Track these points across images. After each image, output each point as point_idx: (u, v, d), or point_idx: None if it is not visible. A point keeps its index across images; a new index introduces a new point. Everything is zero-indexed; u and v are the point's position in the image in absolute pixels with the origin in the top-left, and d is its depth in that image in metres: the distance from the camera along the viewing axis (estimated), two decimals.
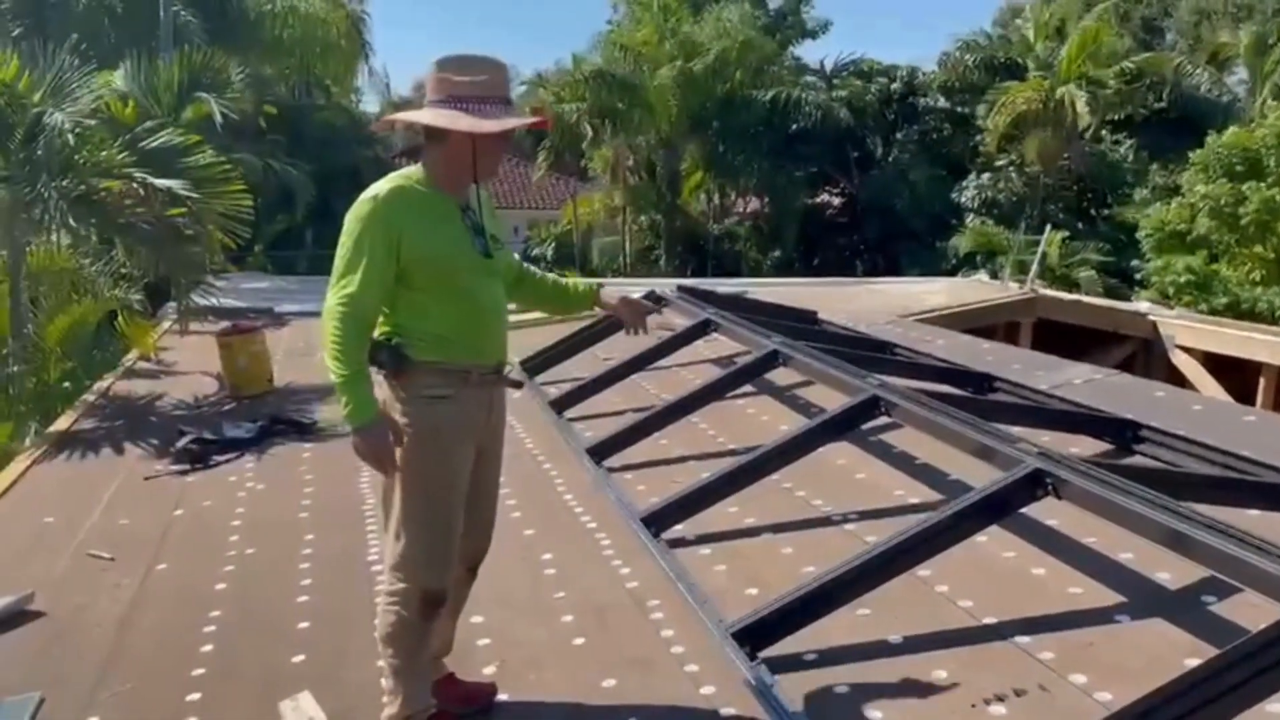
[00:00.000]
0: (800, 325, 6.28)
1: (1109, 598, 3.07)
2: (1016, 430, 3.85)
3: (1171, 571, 3.13)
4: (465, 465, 2.63)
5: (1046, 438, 4.07)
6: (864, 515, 3.95)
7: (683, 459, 4.89)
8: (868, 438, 4.60)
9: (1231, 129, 17.00)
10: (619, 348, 6.71)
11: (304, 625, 3.60)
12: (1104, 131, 23.89)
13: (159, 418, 7.07)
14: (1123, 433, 4.25)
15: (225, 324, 8.18)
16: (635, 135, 24.71)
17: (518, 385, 2.95)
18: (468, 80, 2.55)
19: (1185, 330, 7.48)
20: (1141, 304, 13.88)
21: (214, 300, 8.67)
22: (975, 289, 8.40)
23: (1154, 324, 7.62)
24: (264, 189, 15.30)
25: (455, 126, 2.52)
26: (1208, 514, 2.75)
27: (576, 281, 3.24)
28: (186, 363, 8.76)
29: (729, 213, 27.97)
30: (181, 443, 6.01)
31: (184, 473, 5.69)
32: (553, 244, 27.32)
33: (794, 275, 21.84)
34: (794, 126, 23.56)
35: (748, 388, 5.50)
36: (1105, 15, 24.73)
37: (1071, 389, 5.20)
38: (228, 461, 5.83)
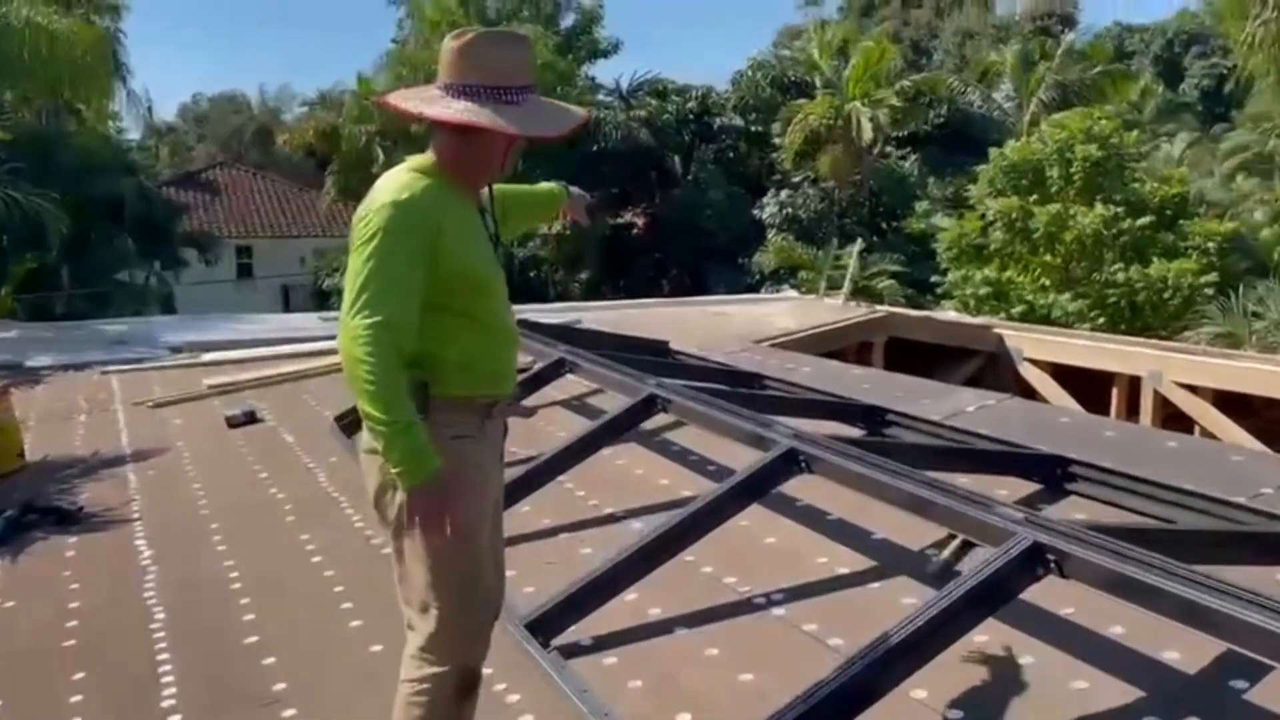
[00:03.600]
0: (661, 360, 5.64)
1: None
2: (943, 476, 3.35)
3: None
4: (488, 512, 2.36)
5: (965, 480, 3.57)
6: (791, 594, 3.31)
7: (553, 531, 4.13)
8: (782, 498, 3.95)
9: (1013, 143, 17.77)
10: None
11: None
12: (889, 147, 24.79)
13: None
14: (1052, 470, 3.81)
15: None
16: None
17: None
18: (504, 64, 2.21)
19: (1032, 342, 7.39)
20: (951, 313, 14.14)
21: None
22: (822, 310, 8.08)
23: (999, 337, 7.50)
24: (6, 224, 13.36)
25: (518, 130, 2.20)
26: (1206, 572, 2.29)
27: (541, 188, 3.00)
28: None
29: (531, 236, 27.24)
30: None
31: None
32: (344, 274, 25.77)
33: (602, 297, 21.35)
34: (594, 147, 23.16)
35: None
36: (880, 37, 25.74)
37: (966, 418, 4.79)
38: None
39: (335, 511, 4.73)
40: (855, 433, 4.58)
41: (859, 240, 16.57)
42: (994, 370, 7.41)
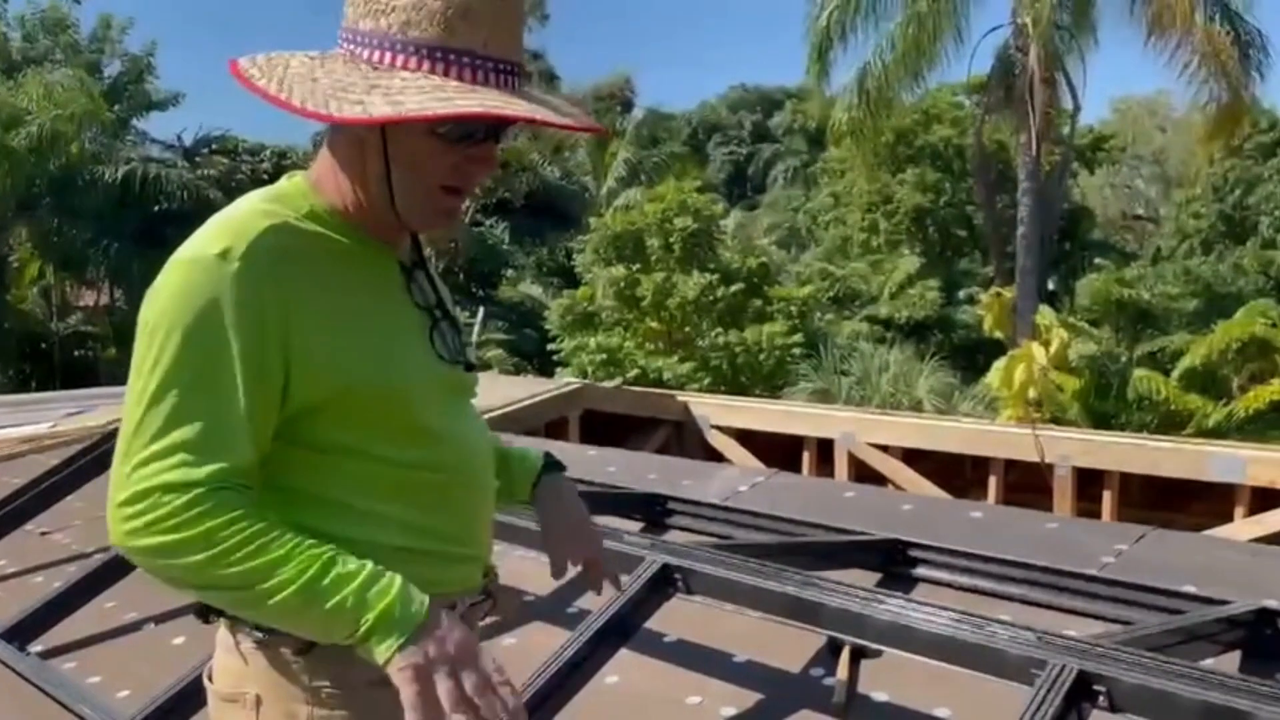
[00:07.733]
0: None
1: None
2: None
3: None
4: None
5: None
6: None
7: None
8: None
9: (612, 213, 18.31)
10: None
11: None
12: (480, 215, 24.74)
13: None
14: (893, 555, 3.41)
15: None
16: None
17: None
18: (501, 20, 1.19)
19: (719, 410, 7.26)
20: (573, 380, 14.00)
21: None
22: (505, 385, 7.33)
23: (685, 405, 7.28)
24: None
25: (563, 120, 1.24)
26: None
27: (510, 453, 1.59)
28: None
29: (73, 309, 23.56)
30: None
31: None
32: None
33: None
34: (156, 208, 20.58)
35: None
36: None
37: (742, 497, 4.30)
38: None
39: None
40: (636, 526, 3.92)
41: (481, 308, 16.04)
42: (681, 438, 7.17)
